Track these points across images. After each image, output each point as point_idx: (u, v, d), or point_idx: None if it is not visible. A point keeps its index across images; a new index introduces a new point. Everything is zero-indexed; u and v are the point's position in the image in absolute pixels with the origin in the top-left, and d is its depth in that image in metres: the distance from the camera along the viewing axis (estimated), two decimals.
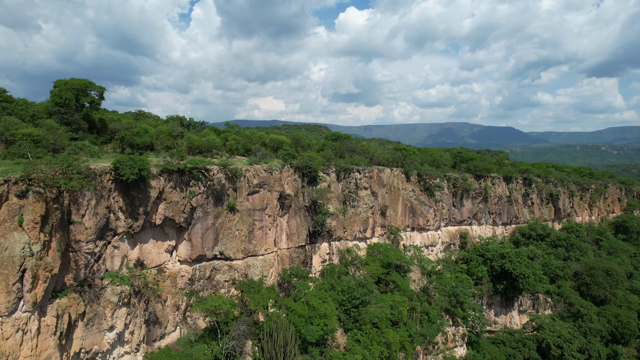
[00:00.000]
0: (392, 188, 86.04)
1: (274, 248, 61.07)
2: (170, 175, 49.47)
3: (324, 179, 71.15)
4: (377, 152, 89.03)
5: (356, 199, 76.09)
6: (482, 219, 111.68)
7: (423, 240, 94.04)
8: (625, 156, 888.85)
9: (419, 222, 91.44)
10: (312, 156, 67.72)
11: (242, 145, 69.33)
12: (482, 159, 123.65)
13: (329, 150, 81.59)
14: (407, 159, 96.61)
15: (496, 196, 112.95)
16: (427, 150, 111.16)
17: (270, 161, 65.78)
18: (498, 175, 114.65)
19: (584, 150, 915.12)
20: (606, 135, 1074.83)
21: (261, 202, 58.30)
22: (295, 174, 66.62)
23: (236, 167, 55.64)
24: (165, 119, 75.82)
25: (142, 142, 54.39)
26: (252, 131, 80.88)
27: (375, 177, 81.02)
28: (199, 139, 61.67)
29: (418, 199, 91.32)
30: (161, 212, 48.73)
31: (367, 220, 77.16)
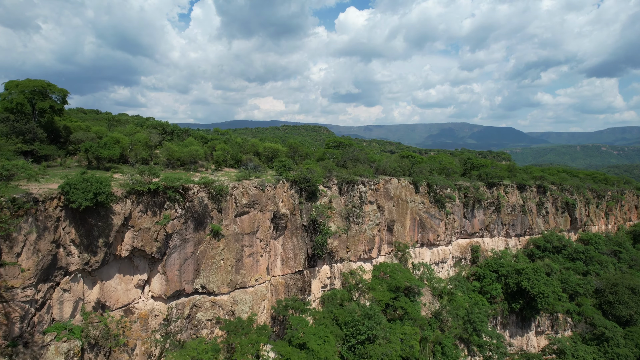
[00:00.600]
0: (400, 200, 77.31)
1: (267, 277, 52.28)
2: (140, 197, 40.70)
3: (324, 194, 62.39)
4: (383, 161, 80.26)
5: (361, 214, 67.33)
6: (494, 230, 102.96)
7: (433, 257, 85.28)
8: (625, 157, 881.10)
9: (429, 238, 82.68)
10: (310, 168, 58.97)
11: (232, 155, 60.56)
12: (494, 165, 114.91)
13: (330, 160, 72.79)
14: (415, 168, 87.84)
15: (509, 206, 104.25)
16: (435, 157, 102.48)
17: (263, 174, 57.04)
18: (511, 184, 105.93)
19: (584, 150, 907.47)
20: (606, 135, 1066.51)
21: (251, 225, 49.52)
22: (291, 188, 57.89)
23: (221, 185, 46.89)
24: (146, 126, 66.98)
25: (110, 155, 45.59)
26: (244, 139, 72.17)
27: (381, 190, 72.28)
28: (180, 149, 52.90)
29: (428, 212, 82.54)
30: (128, 241, 39.96)
31: (373, 238, 68.37)
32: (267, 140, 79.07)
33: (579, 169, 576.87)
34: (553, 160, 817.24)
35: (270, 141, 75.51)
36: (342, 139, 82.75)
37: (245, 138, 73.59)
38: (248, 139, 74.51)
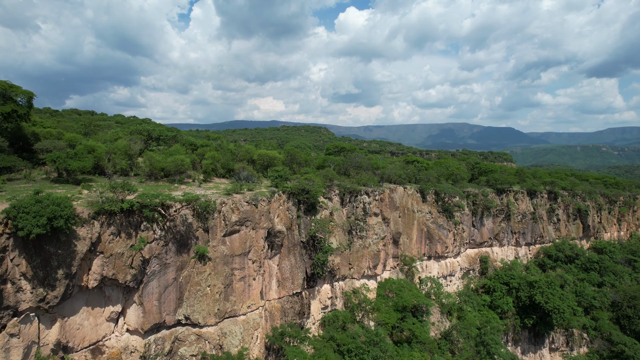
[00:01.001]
0: (406, 210, 71.40)
1: (260, 302, 46.34)
2: (111, 217, 34.78)
3: (324, 206, 56.47)
4: (387, 168, 74.30)
5: (364, 228, 61.41)
6: (504, 239, 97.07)
7: (441, 270, 79.37)
8: (626, 157, 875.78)
9: (437, 250, 76.77)
10: (310, 178, 53.04)
11: (223, 164, 54.61)
12: (503, 170, 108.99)
13: (331, 167, 66.88)
14: (421, 174, 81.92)
15: (519, 213, 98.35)
16: (441, 162, 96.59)
17: (256, 185, 51.13)
18: (521, 190, 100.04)
19: (584, 151, 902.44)
20: (606, 135, 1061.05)
21: (242, 245, 43.59)
22: (288, 201, 51.98)
23: (208, 200, 40.97)
24: (130, 132, 61.02)
25: (80, 167, 39.65)
26: (237, 144, 66.21)
27: (386, 200, 66.37)
28: (164, 159, 46.93)
29: (435, 222, 76.62)
30: (97, 270, 34.05)
31: (378, 254, 62.45)
32: (264, 146, 73.19)
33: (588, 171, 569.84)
34: (553, 160, 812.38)
35: (266, 147, 69.63)
36: (343, 144, 76.79)
37: (239, 144, 67.69)
38: (242, 144, 68.61)
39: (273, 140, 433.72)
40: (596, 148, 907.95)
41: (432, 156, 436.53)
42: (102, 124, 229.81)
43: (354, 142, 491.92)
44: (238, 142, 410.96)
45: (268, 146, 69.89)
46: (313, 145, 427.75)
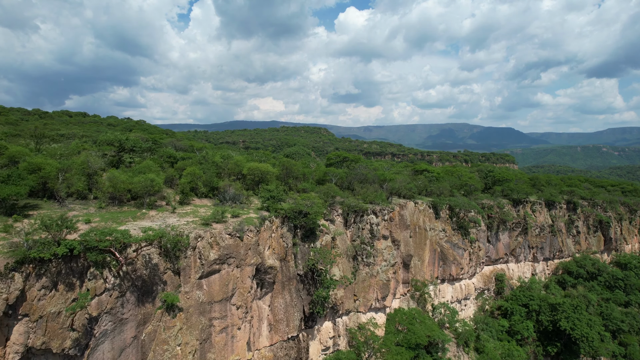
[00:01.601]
0: (418, 229, 62.58)
1: (248, 355, 37.46)
2: (43, 266, 25.95)
3: (325, 230, 47.59)
4: (396, 180, 65.40)
5: (372, 253, 52.52)
6: (520, 255, 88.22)
7: (455, 294, 70.52)
8: (626, 157, 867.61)
9: (451, 272, 67.93)
10: (308, 198, 44.14)
11: (205, 181, 45.70)
12: (518, 178, 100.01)
13: (332, 181, 58.02)
14: (432, 186, 73.11)
15: (537, 226, 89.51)
16: (453, 171, 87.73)
17: (244, 208, 42.32)
18: (538, 200, 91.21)
19: (585, 151, 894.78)
20: (606, 136, 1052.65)
21: (224, 288, 34.73)
22: (283, 226, 43.14)
23: (179, 235, 32.14)
24: (96, 141, 52.02)
25: (12, 194, 30.74)
26: (226, 155, 57.28)
27: (396, 219, 57.52)
28: (130, 179, 38.01)
29: (450, 241, 67.77)
30: (18, 339, 25.20)
31: (388, 283, 53.55)
32: (257, 156, 64.27)
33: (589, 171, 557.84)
34: (554, 161, 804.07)
35: (260, 158, 60.67)
36: (346, 153, 67.96)
37: (229, 154, 58.76)
38: (232, 155, 59.65)
39: (272, 140, 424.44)
40: (596, 148, 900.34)
41: (434, 157, 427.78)
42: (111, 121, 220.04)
43: (354, 142, 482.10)
44: (237, 143, 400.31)
45: (261, 157, 60.93)
46: (312, 147, 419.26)
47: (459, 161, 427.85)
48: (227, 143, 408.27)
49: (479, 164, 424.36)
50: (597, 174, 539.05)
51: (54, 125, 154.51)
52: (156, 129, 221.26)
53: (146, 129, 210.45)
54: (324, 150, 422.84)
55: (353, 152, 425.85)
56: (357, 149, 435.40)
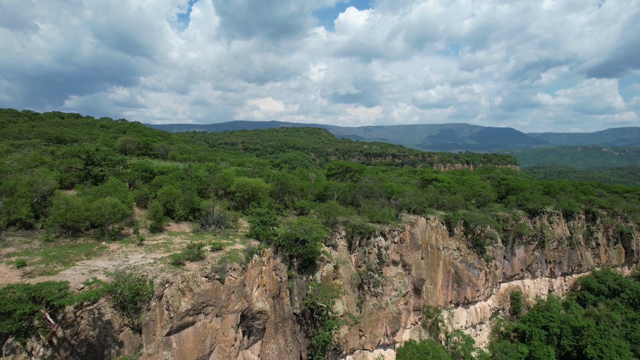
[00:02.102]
0: (430, 248, 55.31)
1: None
2: None
3: (327, 257, 40.29)
4: (405, 193, 58.05)
5: (380, 281, 45.21)
6: (537, 270, 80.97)
7: (470, 318, 63.28)
8: (627, 158, 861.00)
9: (466, 295, 60.68)
10: (306, 221, 36.79)
11: (185, 202, 38.36)
12: (534, 186, 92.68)
13: (334, 196, 50.69)
14: (444, 197, 65.83)
15: (555, 239, 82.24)
16: (464, 179, 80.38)
17: (229, 236, 35.06)
18: (556, 211, 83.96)
19: (585, 151, 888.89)
20: (606, 136, 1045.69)
21: (200, 345, 27.41)
22: (276, 256, 35.90)
23: (140, 281, 24.86)
24: (62, 153, 44.52)
25: None
26: (212, 168, 49.84)
27: (407, 239, 50.23)
28: (86, 204, 30.65)
29: (465, 261, 60.50)
30: None
31: (398, 316, 46.22)
32: (249, 166, 56.93)
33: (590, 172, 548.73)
34: (554, 161, 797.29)
35: (252, 169, 53.29)
36: (349, 163, 60.62)
37: (216, 165, 51.38)
38: (221, 166, 52.26)
39: (271, 141, 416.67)
40: (597, 149, 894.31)
41: (435, 159, 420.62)
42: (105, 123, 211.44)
43: (354, 143, 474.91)
44: (236, 144, 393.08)
45: (254, 169, 53.49)
46: (312, 148, 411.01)
47: (460, 162, 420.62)
48: (225, 144, 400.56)
49: (481, 165, 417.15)
50: (598, 175, 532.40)
51: (42, 127, 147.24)
52: (151, 131, 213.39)
53: (140, 131, 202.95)
54: (324, 152, 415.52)
55: (353, 153, 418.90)
56: (357, 150, 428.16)
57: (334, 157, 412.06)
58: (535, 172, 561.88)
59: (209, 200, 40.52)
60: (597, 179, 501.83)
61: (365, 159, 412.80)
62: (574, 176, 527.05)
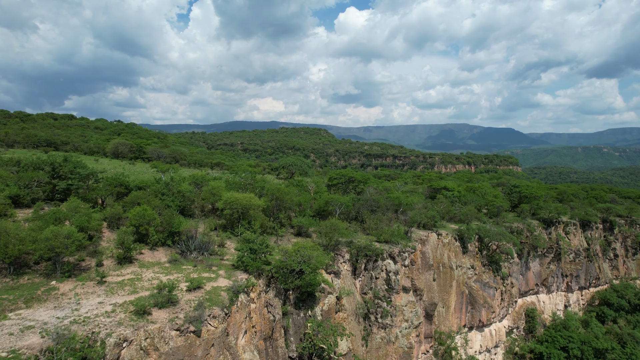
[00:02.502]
0: (442, 267, 49.52)
1: None
2: None
3: (328, 286, 34.50)
4: (415, 206, 52.24)
5: (389, 311, 39.40)
6: (552, 284, 75.16)
7: (485, 342, 57.48)
8: (627, 158, 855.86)
9: (481, 317, 54.90)
10: (303, 250, 30.94)
11: (162, 225, 32.50)
12: (547, 193, 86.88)
13: (337, 212, 44.86)
14: (456, 209, 60.05)
15: (572, 251, 76.48)
16: (475, 188, 74.48)
17: (211, 269, 29.25)
18: (572, 220, 78.14)
19: (585, 152, 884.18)
20: (606, 136, 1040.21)
21: None
22: (269, 289, 30.15)
23: (88, 341, 19.06)
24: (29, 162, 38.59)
25: None
26: (199, 178, 43.89)
27: (418, 260, 44.46)
28: (25, 238, 24.82)
29: (480, 280, 54.72)
30: None
31: (410, 351, 40.37)
32: (242, 172, 51.03)
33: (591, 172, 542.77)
34: (554, 162, 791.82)
35: (245, 184, 47.40)
36: (352, 172, 54.77)
37: (204, 175, 45.44)
38: (210, 176, 46.34)
39: (271, 142, 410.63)
40: (597, 149, 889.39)
41: (436, 160, 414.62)
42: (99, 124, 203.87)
43: (355, 144, 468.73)
44: (235, 145, 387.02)
45: (247, 180, 47.59)
46: (312, 149, 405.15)
47: (461, 163, 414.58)
48: (224, 145, 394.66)
49: (483, 166, 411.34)
50: (599, 176, 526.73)
51: (32, 130, 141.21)
52: (147, 133, 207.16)
53: (136, 133, 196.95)
54: (324, 153, 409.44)
55: (353, 154, 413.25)
56: (357, 151, 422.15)
57: (334, 157, 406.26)
58: (536, 173, 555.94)
59: (192, 221, 34.71)
60: (599, 180, 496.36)
61: (365, 160, 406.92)
62: (575, 177, 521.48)
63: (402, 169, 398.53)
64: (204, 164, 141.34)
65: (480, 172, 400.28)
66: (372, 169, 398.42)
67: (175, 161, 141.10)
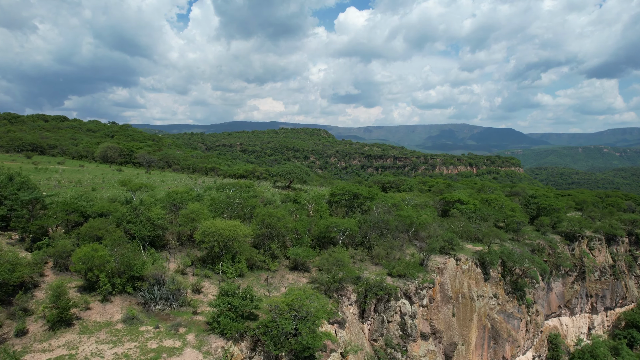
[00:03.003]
0: (462, 299, 42.30)
1: None
2: None
3: (331, 342, 27.31)
4: (427, 223, 45.00)
5: None
6: (576, 306, 67.98)
7: None
8: (628, 158, 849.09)
9: (505, 353, 47.62)
10: (298, 302, 23.66)
11: (119, 269, 25.22)
12: (567, 203, 79.56)
13: (340, 237, 37.62)
14: (473, 226, 52.82)
15: (597, 269, 69.34)
16: (491, 200, 66.98)
17: (177, 330, 21.98)
18: (596, 235, 70.94)
19: (586, 152, 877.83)
20: (606, 136, 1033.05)
21: None
22: (254, 354, 22.96)
23: None
24: None
25: None
26: (176, 199, 36.57)
27: (437, 297, 37.26)
28: None
29: (503, 311, 47.48)
30: None
31: None
32: (218, 219, 43.79)
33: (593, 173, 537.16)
34: (555, 162, 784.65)
35: (230, 203, 40.10)
36: (358, 188, 47.32)
37: (183, 194, 38.07)
38: (189, 197, 39.02)
39: (270, 143, 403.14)
40: (598, 149, 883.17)
41: (437, 161, 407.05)
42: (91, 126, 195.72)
43: (355, 145, 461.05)
44: (234, 146, 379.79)
45: (234, 199, 40.23)
46: (312, 150, 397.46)
47: (463, 165, 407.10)
48: (223, 146, 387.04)
49: (485, 167, 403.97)
50: (601, 177, 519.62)
51: (17, 133, 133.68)
52: (141, 135, 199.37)
53: (130, 135, 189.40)
54: (324, 154, 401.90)
55: (354, 155, 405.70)
56: (358, 152, 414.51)
57: (334, 159, 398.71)
58: (537, 173, 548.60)
59: (160, 260, 27.44)
60: (601, 181, 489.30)
61: (366, 161, 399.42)
62: (576, 178, 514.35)
63: (403, 170, 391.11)
64: (198, 169, 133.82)
65: (482, 173, 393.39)
66: (372, 170, 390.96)
67: (168, 166, 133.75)
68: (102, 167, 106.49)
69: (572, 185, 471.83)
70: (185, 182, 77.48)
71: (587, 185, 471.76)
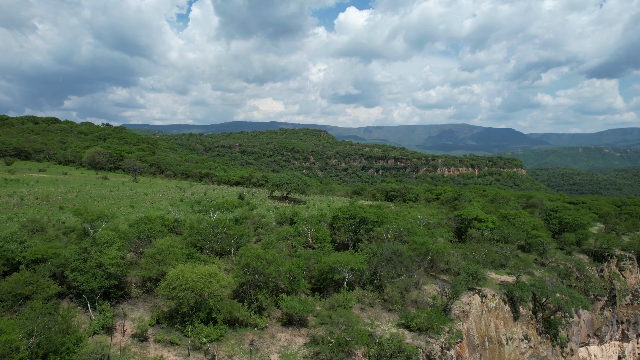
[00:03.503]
0: (489, 344, 35.08)
1: None
2: None
3: None
4: (446, 251, 37.82)
5: None
6: (606, 334, 60.83)
7: None
8: (628, 158, 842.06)
9: None
10: None
11: (43, 346, 17.93)
12: (583, 211, 72.12)
13: (346, 278, 30.35)
14: (497, 250, 45.55)
15: (629, 292, 62.15)
16: (510, 216, 59.71)
17: None
18: (627, 254, 63.74)
19: (586, 152, 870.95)
20: (607, 137, 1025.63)
21: None
22: None
23: None
24: None
25: None
26: (144, 231, 29.30)
27: (464, 350, 30.02)
28: None
29: (536, 355, 40.19)
30: None
31: None
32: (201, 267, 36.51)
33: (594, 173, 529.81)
34: (555, 162, 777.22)
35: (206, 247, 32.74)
36: (364, 210, 39.89)
37: (154, 223, 30.73)
38: (162, 227, 31.72)
39: (270, 144, 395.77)
40: (598, 150, 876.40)
41: (439, 162, 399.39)
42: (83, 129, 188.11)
43: (355, 146, 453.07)
44: (233, 147, 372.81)
45: (215, 233, 32.84)
46: (312, 151, 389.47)
47: (465, 166, 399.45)
48: (222, 147, 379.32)
49: (487, 168, 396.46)
50: (603, 177, 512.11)
51: (2, 137, 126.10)
52: (135, 137, 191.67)
53: (123, 138, 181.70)
54: (324, 155, 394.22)
55: (354, 156, 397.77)
56: (358, 153, 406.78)
57: (334, 160, 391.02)
58: (538, 174, 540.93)
59: (93, 340, 20.10)
60: (603, 182, 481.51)
61: (366, 163, 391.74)
62: (578, 178, 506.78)
63: (404, 171, 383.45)
64: (192, 174, 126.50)
65: (484, 174, 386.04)
66: (373, 171, 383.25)
67: (160, 172, 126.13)
68: (87, 174, 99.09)
69: (574, 186, 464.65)
70: (172, 195, 70.17)
71: (589, 186, 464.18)
